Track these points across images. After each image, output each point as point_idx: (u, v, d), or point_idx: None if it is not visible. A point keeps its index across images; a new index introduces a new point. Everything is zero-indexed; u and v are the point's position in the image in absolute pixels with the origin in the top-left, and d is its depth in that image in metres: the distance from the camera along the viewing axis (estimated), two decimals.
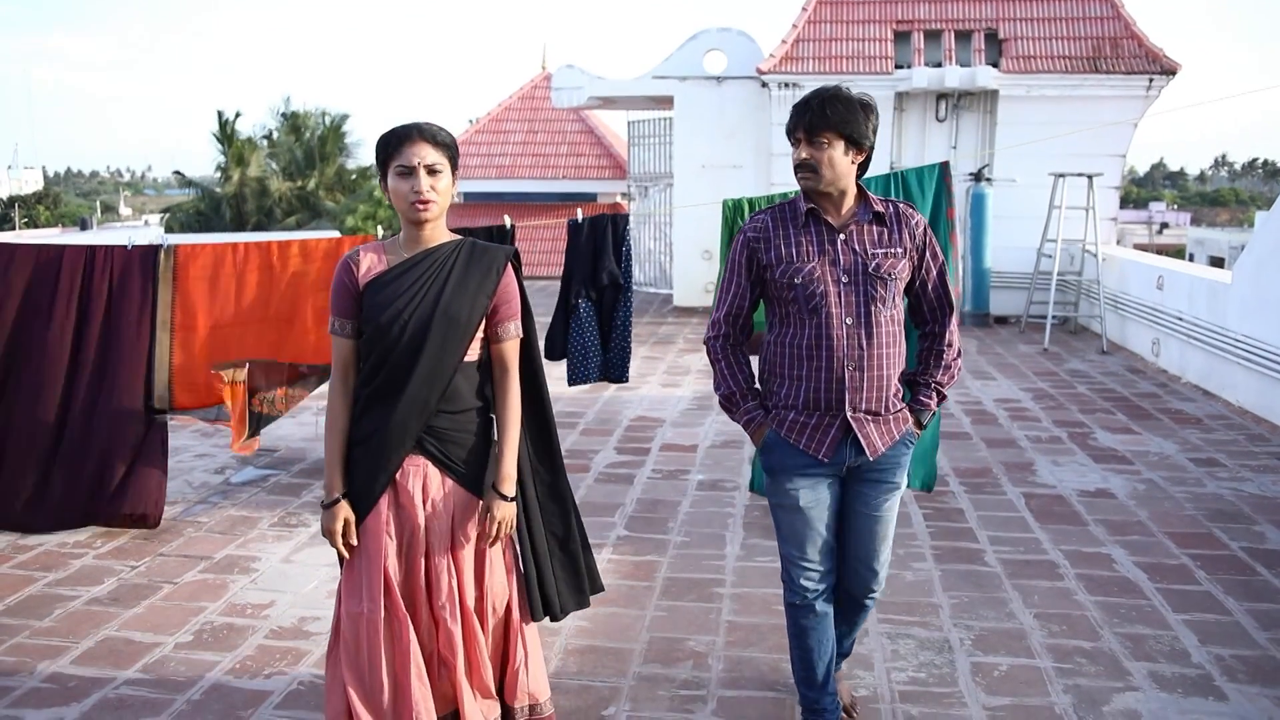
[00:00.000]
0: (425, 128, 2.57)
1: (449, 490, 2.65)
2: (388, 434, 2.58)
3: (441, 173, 2.57)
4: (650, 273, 15.62)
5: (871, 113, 2.78)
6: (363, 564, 2.61)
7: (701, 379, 9.00)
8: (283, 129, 35.56)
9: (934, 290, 2.93)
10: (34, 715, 3.30)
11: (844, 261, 2.78)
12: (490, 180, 23.32)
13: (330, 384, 2.69)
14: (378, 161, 2.61)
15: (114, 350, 5.10)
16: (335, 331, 2.66)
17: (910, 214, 2.88)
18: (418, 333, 2.57)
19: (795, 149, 2.80)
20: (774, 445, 2.89)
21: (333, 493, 2.63)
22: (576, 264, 5.58)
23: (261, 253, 5.33)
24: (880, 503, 2.91)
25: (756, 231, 2.88)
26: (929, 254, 2.89)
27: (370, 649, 2.59)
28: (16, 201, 46.93)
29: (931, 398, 2.94)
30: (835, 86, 2.79)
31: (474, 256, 2.67)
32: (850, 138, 2.73)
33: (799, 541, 2.92)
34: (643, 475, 6.07)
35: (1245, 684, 3.50)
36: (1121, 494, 5.66)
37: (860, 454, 2.83)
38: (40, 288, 5.07)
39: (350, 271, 2.63)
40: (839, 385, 2.77)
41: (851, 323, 2.76)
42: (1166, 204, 65.93)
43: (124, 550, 4.79)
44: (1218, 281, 8.56)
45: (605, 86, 13.98)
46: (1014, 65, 12.37)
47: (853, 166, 2.78)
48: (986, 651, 3.75)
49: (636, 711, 3.34)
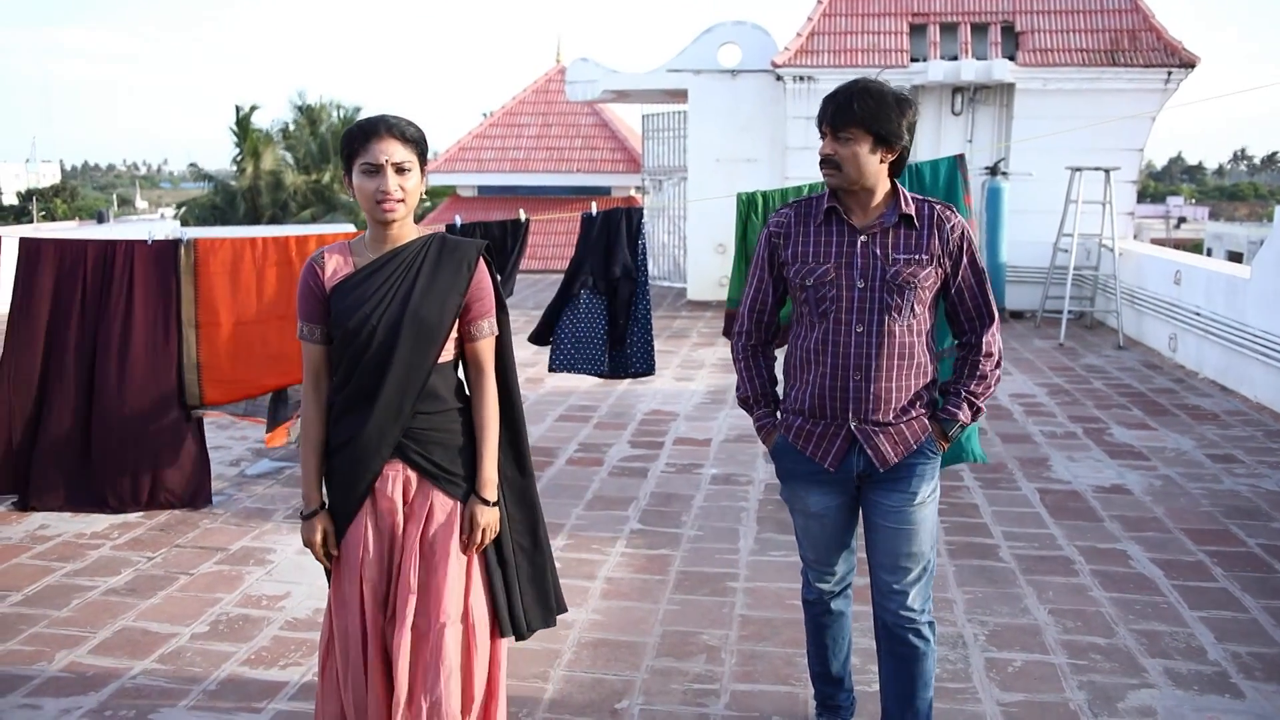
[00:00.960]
0: (393, 122, 2.43)
1: (430, 495, 2.54)
2: (363, 441, 2.48)
3: (410, 170, 2.44)
4: (664, 266, 15.60)
5: (906, 109, 2.59)
6: (344, 577, 2.54)
7: (715, 373, 9.00)
8: (299, 122, 35.65)
9: (971, 299, 2.72)
10: (52, 704, 3.33)
11: (861, 265, 2.63)
12: (504, 173, 23.33)
13: (303, 392, 2.58)
14: (343, 157, 2.47)
15: (139, 345, 5.24)
16: (304, 337, 2.56)
17: (947, 217, 2.67)
18: (387, 337, 2.46)
19: (822, 143, 2.66)
20: (783, 452, 2.81)
21: (310, 504, 2.57)
22: (586, 255, 5.58)
23: (280, 248, 5.36)
24: (899, 514, 2.72)
25: (778, 227, 2.76)
26: (966, 260, 2.68)
27: (355, 664, 2.52)
28: (34, 195, 47.21)
29: (960, 408, 2.72)
30: (868, 79, 2.62)
31: (443, 254, 2.54)
32: (879, 135, 2.55)
33: (813, 545, 2.87)
34: (656, 469, 6.07)
35: (1262, 681, 3.48)
36: (1137, 490, 5.63)
37: (870, 464, 2.70)
38: (68, 281, 5.22)
39: (316, 275, 2.52)
40: (843, 393, 2.65)
41: (862, 330, 2.62)
42: (1184, 198, 65.49)
43: (141, 542, 4.83)
44: (1236, 276, 8.50)
45: (619, 80, 13.97)
46: (1031, 58, 12.29)
47: (881, 166, 2.60)
48: (1000, 647, 3.73)
49: (649, 705, 3.34)
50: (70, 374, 5.21)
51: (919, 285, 2.63)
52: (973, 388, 2.73)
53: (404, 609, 2.51)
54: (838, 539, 2.84)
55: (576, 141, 23.89)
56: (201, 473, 5.36)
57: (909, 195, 2.68)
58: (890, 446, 2.68)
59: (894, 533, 2.72)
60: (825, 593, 2.90)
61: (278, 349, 5.33)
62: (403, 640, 2.50)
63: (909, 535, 2.72)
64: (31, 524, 5.03)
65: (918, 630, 2.76)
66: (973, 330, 2.76)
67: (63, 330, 5.22)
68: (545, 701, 3.35)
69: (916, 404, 2.69)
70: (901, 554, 2.73)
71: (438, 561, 2.53)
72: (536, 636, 3.79)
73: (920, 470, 2.72)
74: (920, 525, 2.72)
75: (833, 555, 2.86)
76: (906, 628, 2.76)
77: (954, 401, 2.74)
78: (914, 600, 2.75)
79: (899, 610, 2.75)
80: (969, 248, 2.68)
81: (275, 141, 34.65)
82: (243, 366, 5.33)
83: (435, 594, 2.52)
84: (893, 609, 2.76)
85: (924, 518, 2.73)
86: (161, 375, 5.26)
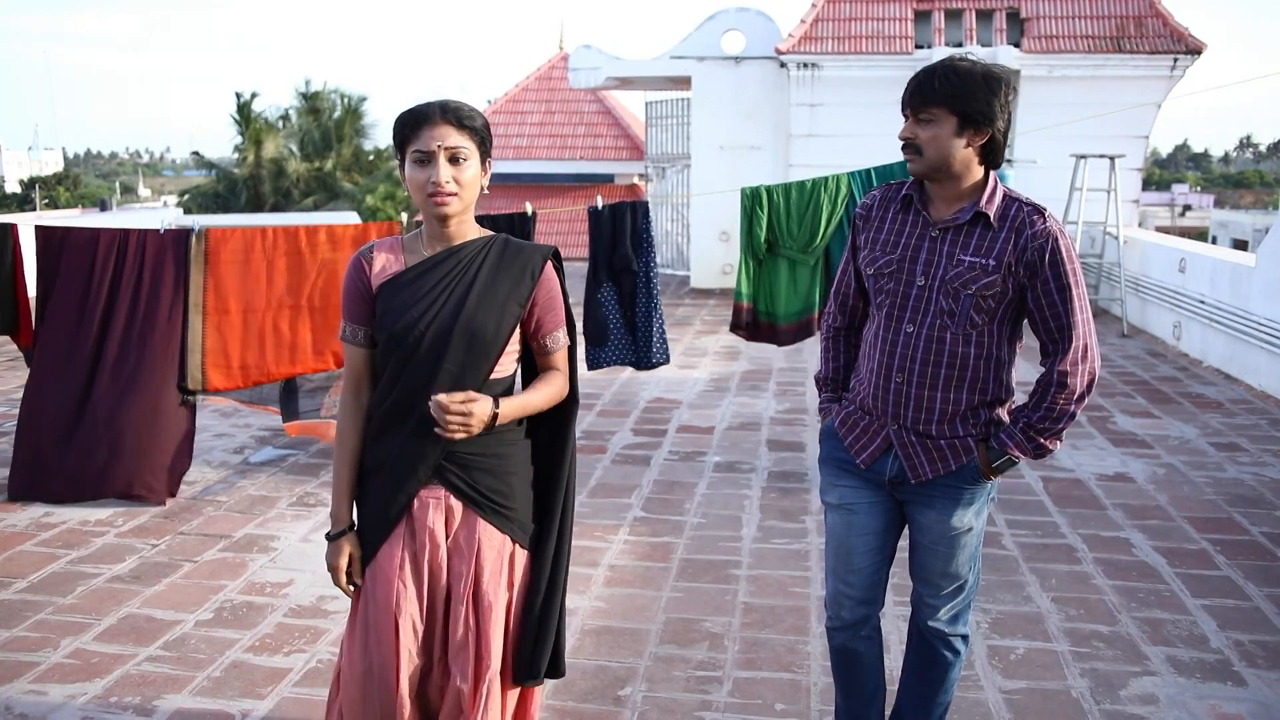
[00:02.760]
0: (450, 107, 2.18)
1: (476, 529, 2.27)
2: (401, 461, 2.23)
3: (467, 161, 2.18)
4: (668, 254, 15.59)
5: (998, 86, 2.31)
6: (372, 613, 2.25)
7: (719, 361, 8.99)
8: (301, 110, 35.58)
9: (1052, 318, 2.38)
10: (57, 690, 3.34)
11: (925, 260, 2.41)
12: (507, 161, 23.27)
13: (341, 400, 2.33)
14: (395, 145, 2.23)
15: (146, 331, 5.29)
16: (346, 339, 2.31)
17: (1032, 221, 2.36)
18: (436, 345, 2.21)
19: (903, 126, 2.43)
20: (826, 436, 2.68)
21: (339, 524, 2.31)
22: (599, 250, 5.59)
23: (290, 238, 5.39)
24: (937, 535, 2.53)
25: (863, 209, 2.58)
26: (1047, 273, 2.35)
27: (384, 710, 2.25)
28: (37, 182, 47.23)
29: (1015, 438, 2.42)
30: (957, 56, 2.37)
31: (505, 258, 2.28)
32: (965, 114, 2.30)
33: (836, 545, 2.66)
34: (659, 457, 6.08)
35: (1265, 669, 3.48)
36: (1141, 478, 5.62)
37: (903, 473, 2.51)
38: (78, 269, 5.29)
39: (362, 271, 2.28)
40: (884, 393, 2.48)
41: (911, 331, 2.42)
42: (1190, 186, 65.30)
43: (145, 529, 4.84)
44: (1241, 264, 8.47)
45: (623, 67, 13.93)
46: (1036, 45, 12.23)
47: (969, 150, 2.34)
48: (1003, 635, 3.74)
49: (652, 692, 3.35)
50: (81, 359, 5.28)
51: (979, 294, 2.36)
52: (1035, 420, 2.42)
53: (458, 657, 2.28)
54: (861, 546, 2.62)
55: (580, 129, 23.84)
56: (180, 466, 5.29)
57: (1002, 190, 2.42)
58: (926, 460, 2.48)
59: (929, 550, 2.57)
60: (840, 622, 2.71)
61: (287, 338, 5.37)
62: (454, 692, 2.28)
63: (945, 557, 2.56)
64: (36, 511, 5.04)
65: (947, 642, 2.66)
66: (1047, 354, 2.44)
67: (80, 316, 5.32)
68: (548, 688, 3.35)
69: (969, 422, 2.46)
70: (935, 571, 2.59)
71: (488, 607, 2.28)
72: None
73: (964, 496, 2.50)
74: (959, 549, 2.54)
75: (852, 564, 2.63)
76: (935, 638, 2.66)
77: (1009, 431, 2.45)
78: (945, 614, 2.62)
79: (928, 621, 2.65)
80: (1055, 259, 2.34)
81: (277, 129, 34.58)
82: (251, 353, 5.39)
83: (485, 641, 2.28)
84: (924, 618, 2.67)
85: (964, 543, 2.54)
86: (165, 360, 5.28)
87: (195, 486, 5.45)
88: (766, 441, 6.36)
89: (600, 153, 23.50)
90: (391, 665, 2.23)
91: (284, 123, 35.48)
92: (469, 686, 2.27)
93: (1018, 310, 2.44)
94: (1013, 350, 2.49)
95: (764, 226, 5.46)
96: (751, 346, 9.16)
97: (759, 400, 7.50)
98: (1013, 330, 2.47)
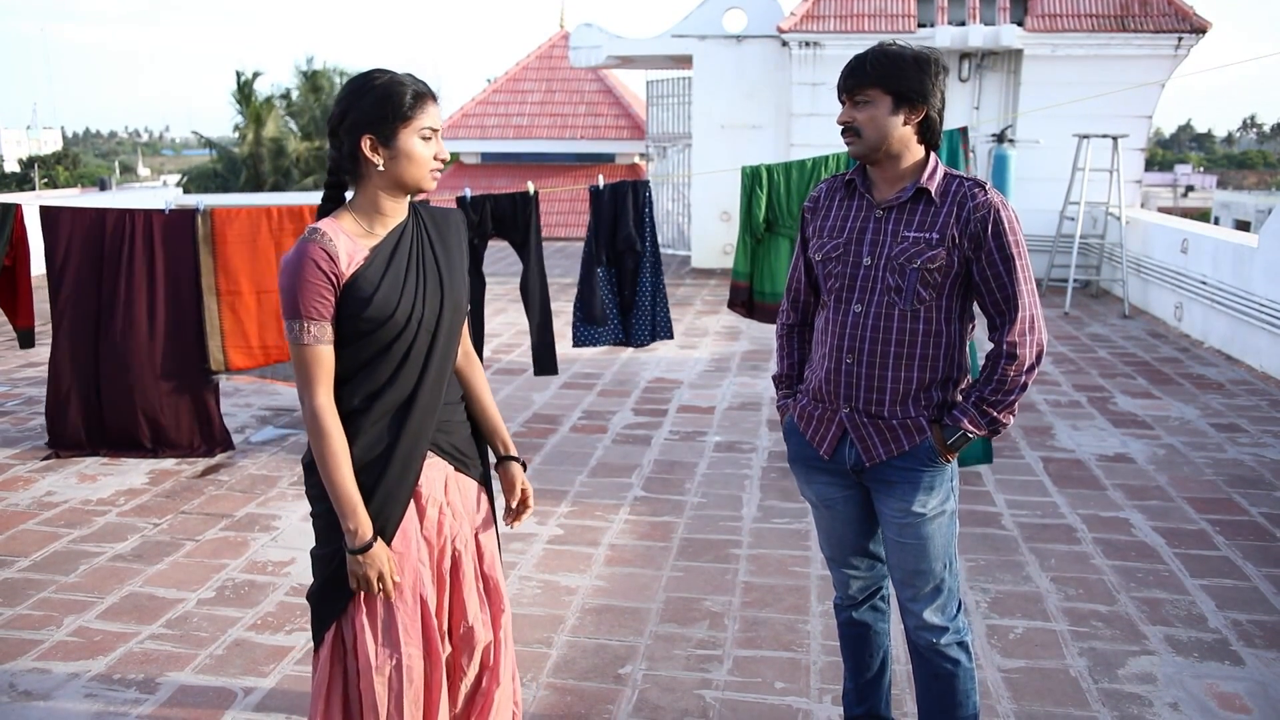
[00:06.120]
0: (432, 88, 2.19)
1: (460, 485, 2.32)
2: (401, 449, 2.18)
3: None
4: (669, 234, 15.55)
5: (928, 66, 2.37)
6: (397, 603, 2.19)
7: (719, 341, 8.99)
8: (303, 88, 35.45)
9: (995, 288, 2.38)
10: (61, 667, 3.36)
11: (871, 241, 2.44)
12: (508, 140, 23.19)
13: (315, 406, 2.10)
14: (383, 118, 2.08)
15: (160, 310, 5.49)
16: (316, 341, 2.08)
17: (974, 194, 2.39)
18: (431, 326, 2.18)
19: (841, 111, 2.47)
20: (790, 433, 2.66)
21: (363, 536, 2.12)
22: (599, 229, 5.58)
23: (295, 219, 5.42)
24: (901, 526, 2.48)
25: (811, 202, 2.61)
26: (991, 244, 2.36)
27: (417, 702, 2.21)
28: (36, 162, 47.06)
29: (968, 414, 2.40)
30: (886, 42, 2.43)
31: (438, 227, 2.26)
32: (899, 93, 2.35)
33: (827, 537, 2.69)
34: (660, 436, 6.08)
35: (1263, 649, 3.50)
36: (1141, 459, 5.63)
37: (860, 458, 2.49)
38: (88, 247, 5.46)
39: (332, 263, 2.07)
40: (837, 376, 2.47)
41: (860, 310, 2.43)
42: (1193, 166, 65.09)
43: (147, 508, 4.85)
44: (1243, 245, 8.45)
45: (623, 46, 13.85)
46: (1039, 24, 12.15)
47: (907, 129, 2.38)
48: (1002, 614, 3.75)
49: (653, 670, 3.37)
50: (86, 336, 5.49)
51: (924, 268, 2.38)
52: (986, 393, 2.39)
53: (476, 614, 2.32)
54: (851, 534, 2.64)
55: (580, 108, 23.72)
56: (221, 425, 5.70)
57: (940, 168, 2.45)
58: (879, 441, 2.46)
59: (898, 545, 2.51)
60: (848, 600, 2.73)
61: None
62: (479, 643, 2.33)
63: (913, 551, 2.49)
64: (38, 490, 5.06)
65: (939, 650, 2.54)
66: (994, 327, 2.42)
67: (87, 293, 5.48)
68: (549, 666, 3.38)
69: (920, 403, 2.44)
70: (909, 569, 2.51)
71: (492, 552, 2.38)
72: (540, 602, 3.84)
73: (923, 480, 2.45)
74: (926, 540, 2.47)
75: (847, 552, 2.66)
76: (926, 647, 2.56)
77: (961, 408, 2.43)
78: (930, 617, 2.52)
79: (915, 628, 2.56)
80: (998, 230, 2.36)
81: (277, 108, 34.47)
82: (269, 334, 5.53)
83: (495, 588, 2.36)
84: (910, 626, 2.58)
85: (929, 533, 2.47)
86: (183, 338, 5.49)
87: (196, 465, 5.47)
88: (767, 421, 6.37)
89: (601, 132, 23.39)
90: (418, 655, 2.21)
91: (285, 102, 35.37)
92: (491, 634, 2.34)
93: (965, 287, 2.45)
94: (963, 330, 2.49)
95: (763, 205, 5.44)
96: (753, 326, 9.16)
97: (759, 380, 7.50)
98: (962, 308, 2.48)
